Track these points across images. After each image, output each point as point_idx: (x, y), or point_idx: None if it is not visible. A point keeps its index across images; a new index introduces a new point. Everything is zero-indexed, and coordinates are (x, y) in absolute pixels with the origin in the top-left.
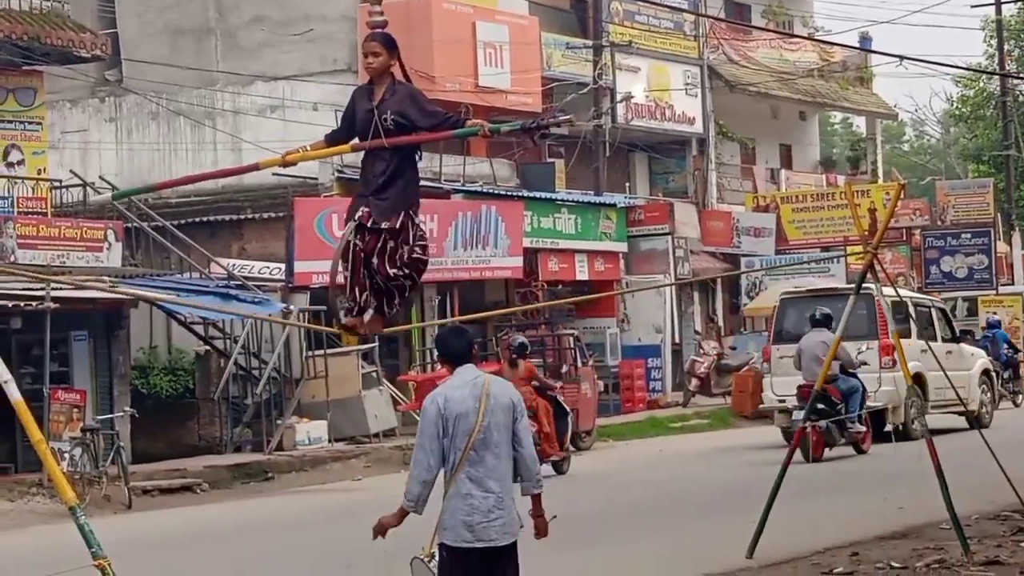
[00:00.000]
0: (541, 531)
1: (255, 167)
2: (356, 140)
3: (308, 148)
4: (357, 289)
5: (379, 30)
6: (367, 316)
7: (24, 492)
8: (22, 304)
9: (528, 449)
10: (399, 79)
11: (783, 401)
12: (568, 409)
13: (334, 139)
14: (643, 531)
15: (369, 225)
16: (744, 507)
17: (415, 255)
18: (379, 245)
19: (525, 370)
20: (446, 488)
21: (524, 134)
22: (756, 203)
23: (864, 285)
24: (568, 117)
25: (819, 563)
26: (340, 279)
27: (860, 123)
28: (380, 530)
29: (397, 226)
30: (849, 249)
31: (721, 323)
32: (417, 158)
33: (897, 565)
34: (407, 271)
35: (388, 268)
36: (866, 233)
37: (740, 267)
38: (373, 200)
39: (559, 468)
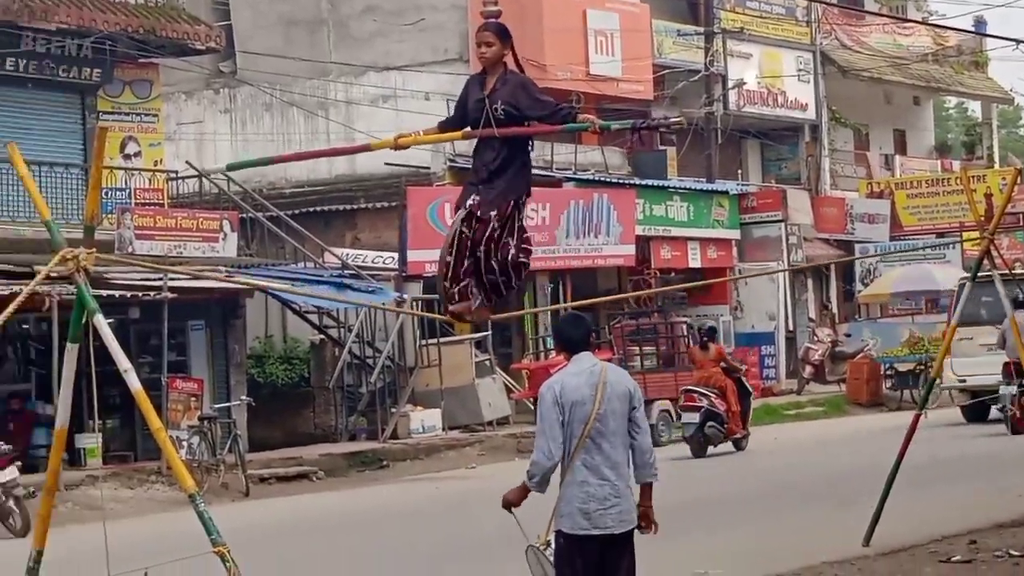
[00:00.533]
0: (647, 523)
1: (367, 148)
2: (468, 128)
3: (421, 133)
4: (464, 277)
5: (493, 20)
6: (475, 303)
7: (144, 480)
8: (140, 294)
9: (645, 438)
10: (512, 68)
11: (963, 381)
12: (751, 389)
13: (447, 127)
14: (758, 518)
15: (479, 214)
16: (860, 495)
17: (519, 259)
18: (487, 234)
19: (715, 352)
20: (562, 476)
21: (634, 132)
22: (870, 189)
23: None
24: (679, 119)
25: (936, 551)
26: (448, 266)
27: (975, 108)
28: (507, 504)
29: (506, 214)
30: (965, 235)
31: (835, 310)
32: (529, 146)
33: (1016, 553)
34: (508, 271)
35: (492, 262)
36: (982, 219)
37: (854, 254)
38: (483, 188)
39: (739, 445)
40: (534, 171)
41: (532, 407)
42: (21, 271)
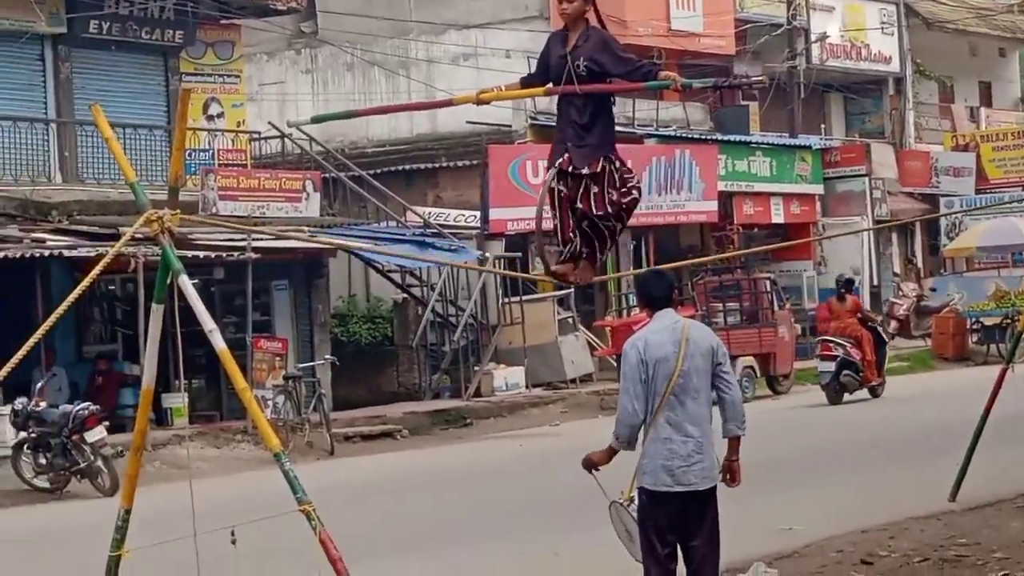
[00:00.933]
0: (734, 476)
1: (449, 102)
2: (551, 85)
3: (503, 88)
4: (566, 236)
5: None
6: (579, 264)
7: (230, 439)
8: (224, 255)
9: (735, 392)
10: (594, 25)
11: None
12: (887, 339)
13: (529, 83)
14: (843, 474)
15: (570, 171)
16: (947, 450)
17: (629, 196)
18: (581, 191)
19: (852, 303)
20: (645, 432)
21: (716, 91)
22: (955, 142)
23: None
24: (760, 79)
25: (1023, 506)
26: (546, 226)
27: None
28: (589, 465)
29: (598, 170)
30: None
31: (920, 264)
32: (611, 102)
33: None
34: (617, 212)
35: (595, 210)
36: None
37: (939, 208)
38: (572, 147)
39: (875, 392)
40: (616, 128)
41: (615, 364)
42: (107, 233)
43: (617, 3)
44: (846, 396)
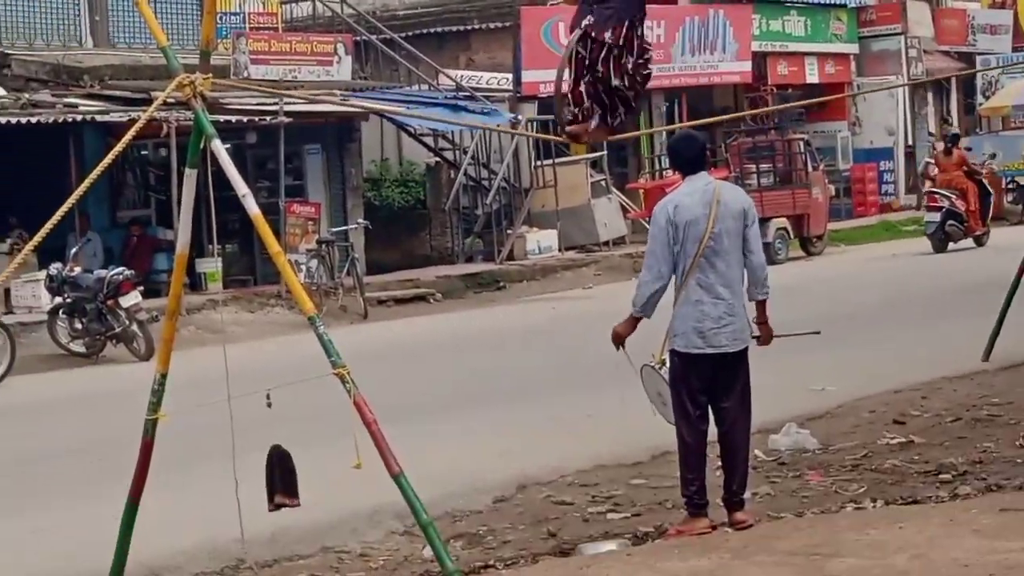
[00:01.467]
0: (765, 338)
1: None
2: None
3: None
4: (582, 97)
5: None
6: (592, 124)
7: (263, 304)
8: (256, 119)
9: (758, 256)
10: None
11: None
12: (991, 191)
13: None
14: (876, 334)
15: (593, 35)
16: (981, 310)
17: (640, 70)
18: (603, 54)
19: (958, 157)
20: (676, 295)
21: None
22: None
23: None
24: None
25: None
26: (565, 88)
27: None
28: (617, 339)
29: (621, 36)
30: None
31: (956, 123)
32: None
33: None
34: (632, 83)
35: (612, 77)
36: None
37: (976, 66)
38: (597, 9)
39: (979, 241)
40: None
41: (647, 226)
42: (139, 97)
43: None
44: (951, 245)
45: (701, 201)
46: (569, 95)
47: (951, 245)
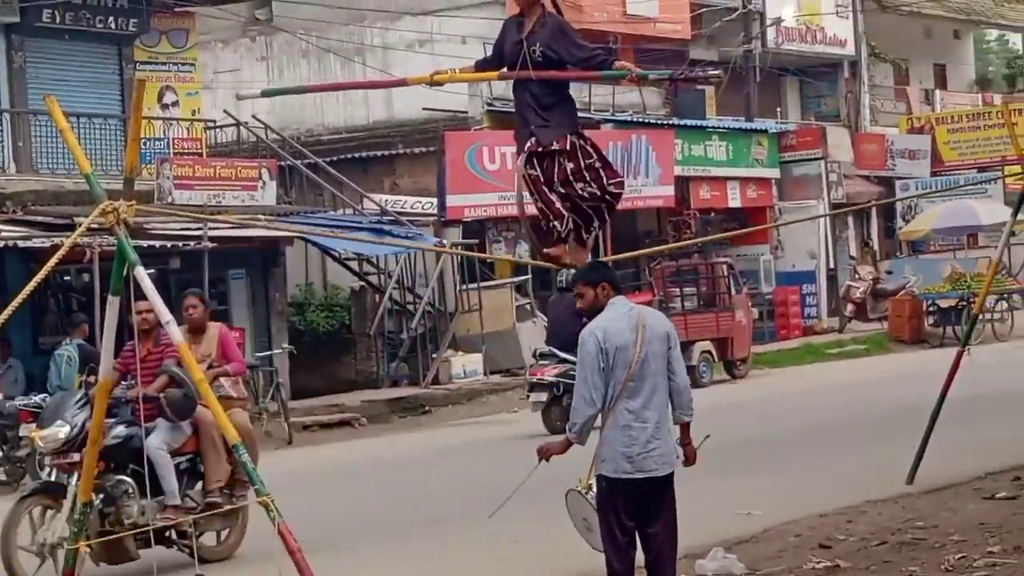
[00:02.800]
0: (690, 459)
1: (403, 82)
2: (505, 69)
3: (457, 71)
4: (553, 218)
5: None
6: (570, 245)
7: None
8: (180, 244)
9: (682, 379)
10: (549, 11)
11: None
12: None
13: (483, 67)
14: (801, 458)
15: (540, 151)
16: (903, 433)
17: (616, 178)
18: (557, 169)
19: None
20: (604, 420)
21: (672, 83)
22: (910, 125)
23: None
24: (717, 72)
25: (981, 488)
26: (530, 211)
27: (1016, 40)
28: (544, 454)
29: (568, 147)
30: (1007, 170)
31: (876, 247)
32: (567, 85)
33: None
34: (602, 186)
35: (576, 186)
36: None
37: (895, 190)
38: (536, 128)
39: None
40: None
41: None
42: (62, 223)
43: None
44: None
45: (628, 326)
46: (543, 218)
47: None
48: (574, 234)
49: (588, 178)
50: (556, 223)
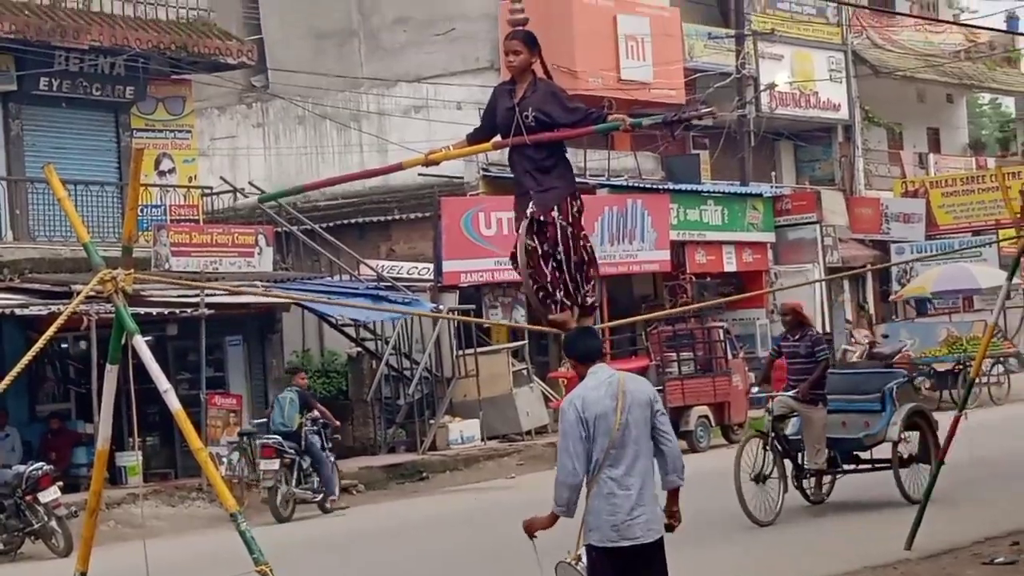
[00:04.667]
0: (676, 525)
1: (399, 167)
2: (498, 138)
3: (451, 147)
4: (554, 286)
5: (520, 28)
6: (575, 311)
7: (184, 497)
8: (178, 311)
9: (672, 444)
10: (540, 76)
11: None
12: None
13: (476, 138)
14: (798, 522)
15: (541, 219)
16: (901, 498)
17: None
18: (559, 234)
19: None
20: (588, 489)
21: (666, 127)
22: (904, 188)
23: None
24: (710, 109)
25: (979, 553)
26: (533, 277)
27: (1009, 104)
28: (530, 529)
29: (568, 212)
30: (1002, 233)
31: (872, 311)
32: (564, 146)
33: None
34: (590, 258)
35: (574, 253)
36: (1018, 216)
37: (890, 253)
38: (535, 193)
39: None
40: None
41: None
42: (59, 291)
43: (567, 54)
44: None
45: (608, 394)
46: (548, 283)
47: None
48: (578, 300)
49: (584, 244)
50: (558, 292)
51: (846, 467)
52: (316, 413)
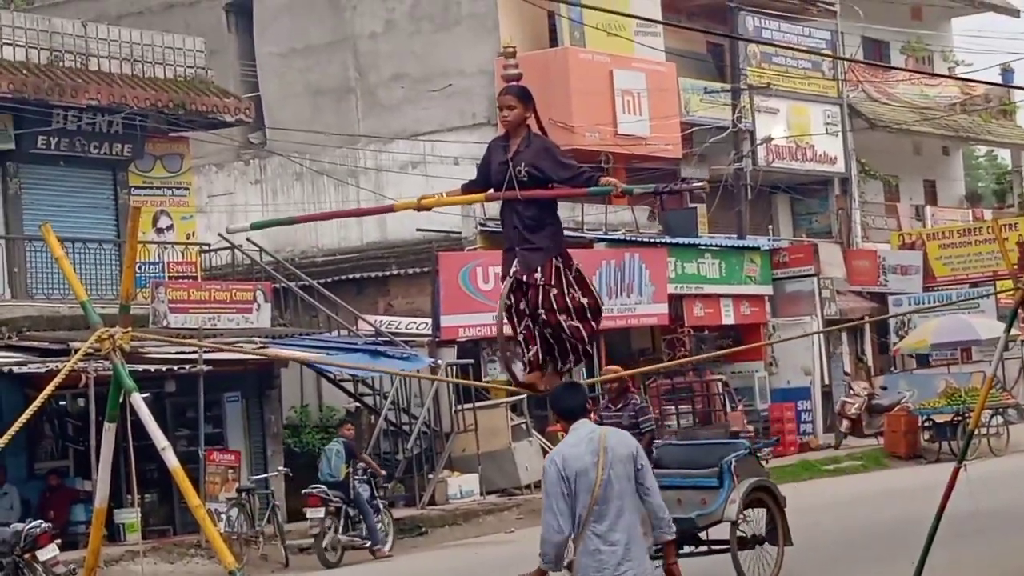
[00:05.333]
0: None
1: (391, 208)
2: (492, 190)
3: (444, 195)
4: (528, 345)
5: (514, 83)
6: (545, 372)
7: (183, 554)
8: (176, 368)
9: (655, 498)
10: (535, 131)
11: None
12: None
13: (470, 189)
14: (800, 575)
15: (525, 279)
16: (901, 550)
17: (590, 297)
18: (541, 297)
19: None
20: (575, 545)
21: (657, 196)
22: (902, 241)
23: None
24: (702, 184)
25: None
26: (509, 333)
27: (1005, 156)
28: None
29: (552, 274)
30: (999, 284)
31: (870, 363)
32: (555, 206)
33: None
34: (581, 312)
35: (557, 316)
36: (1015, 267)
37: (887, 305)
38: (520, 251)
39: None
40: (564, 232)
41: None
42: (57, 348)
43: (563, 109)
44: None
45: (588, 450)
46: (521, 341)
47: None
48: (550, 363)
49: (571, 307)
50: (528, 352)
51: (683, 549)
52: (363, 464)
